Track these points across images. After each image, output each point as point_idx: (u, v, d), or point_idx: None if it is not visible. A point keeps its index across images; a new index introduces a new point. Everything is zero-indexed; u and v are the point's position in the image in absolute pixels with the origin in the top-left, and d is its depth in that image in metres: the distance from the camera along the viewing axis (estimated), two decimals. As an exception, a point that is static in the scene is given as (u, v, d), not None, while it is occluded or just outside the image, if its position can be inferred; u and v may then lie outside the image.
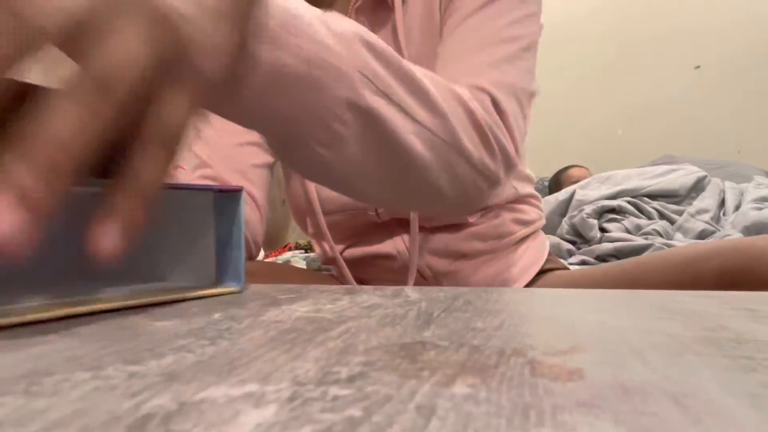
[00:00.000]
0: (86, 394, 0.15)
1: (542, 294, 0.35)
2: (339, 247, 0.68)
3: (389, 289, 0.37)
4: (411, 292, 0.36)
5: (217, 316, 0.27)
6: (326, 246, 0.67)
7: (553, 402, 0.15)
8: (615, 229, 1.72)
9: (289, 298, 0.33)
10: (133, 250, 0.39)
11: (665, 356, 0.20)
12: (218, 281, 0.38)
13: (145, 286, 0.36)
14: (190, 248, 0.38)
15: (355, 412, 0.14)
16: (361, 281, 0.70)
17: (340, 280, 0.73)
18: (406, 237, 0.65)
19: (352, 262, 0.68)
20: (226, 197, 0.38)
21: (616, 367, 0.18)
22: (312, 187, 0.63)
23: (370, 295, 0.34)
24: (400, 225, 0.66)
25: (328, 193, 0.63)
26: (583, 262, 1.59)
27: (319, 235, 0.67)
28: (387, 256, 0.66)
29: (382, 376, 0.17)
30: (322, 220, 0.63)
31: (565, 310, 0.29)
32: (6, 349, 0.21)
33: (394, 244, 0.66)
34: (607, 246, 1.60)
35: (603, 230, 1.75)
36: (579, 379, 0.17)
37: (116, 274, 0.39)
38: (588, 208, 1.80)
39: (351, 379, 0.17)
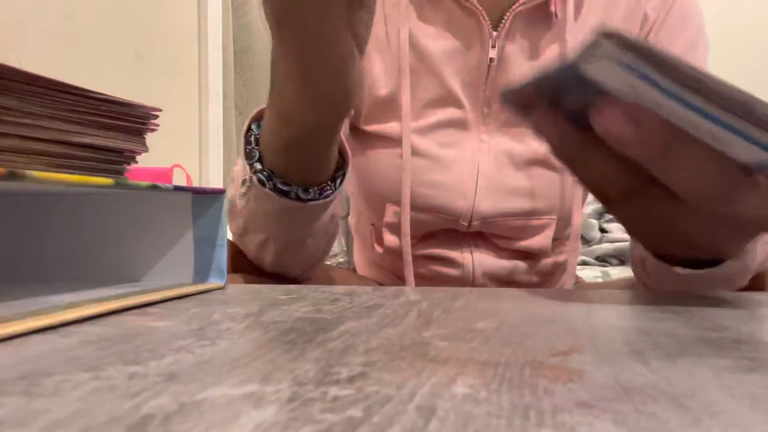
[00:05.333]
0: (86, 394, 0.15)
1: (542, 294, 0.35)
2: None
3: (389, 290, 0.37)
4: (411, 292, 0.36)
5: (216, 316, 0.27)
6: (396, 239, 0.65)
7: (553, 402, 0.15)
8: (615, 230, 1.72)
9: (289, 298, 0.33)
10: (111, 251, 0.39)
11: (665, 356, 0.20)
12: (202, 278, 0.38)
13: (127, 287, 0.36)
14: (169, 247, 0.39)
15: (355, 412, 0.14)
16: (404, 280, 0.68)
17: (378, 277, 0.72)
18: (475, 251, 0.65)
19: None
20: (207, 198, 0.38)
21: (616, 367, 0.18)
22: (408, 180, 0.61)
23: (370, 296, 0.34)
24: (476, 237, 0.65)
25: (420, 191, 0.62)
26: (583, 263, 1.59)
27: (394, 227, 0.65)
28: (447, 260, 0.65)
29: (382, 376, 0.17)
30: (408, 215, 0.62)
31: (565, 311, 0.29)
32: (6, 350, 0.21)
33: (461, 252, 0.65)
34: (607, 246, 1.60)
35: (603, 231, 1.75)
36: (579, 380, 0.17)
37: (95, 276, 0.39)
38: (588, 209, 1.80)
39: (351, 380, 0.17)
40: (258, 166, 0.44)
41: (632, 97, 0.25)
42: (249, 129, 0.46)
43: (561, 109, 0.30)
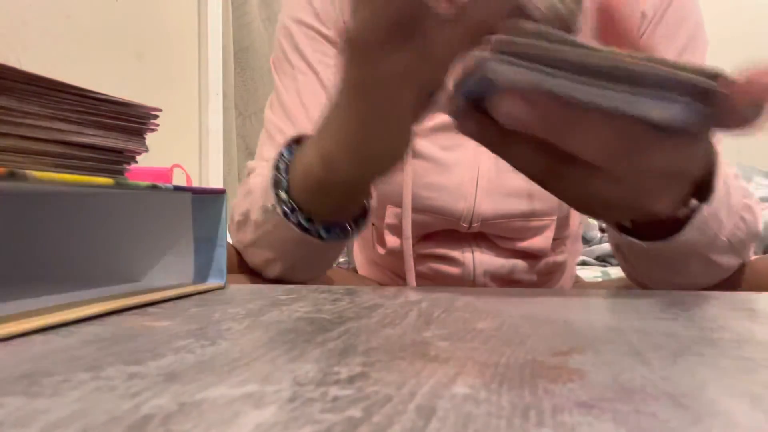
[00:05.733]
0: (86, 394, 0.15)
1: (542, 294, 0.35)
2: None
3: (389, 290, 0.37)
4: (411, 292, 0.36)
5: (216, 316, 0.27)
6: (397, 240, 0.65)
7: (553, 402, 0.15)
8: (615, 230, 1.71)
9: (289, 298, 0.33)
10: (111, 251, 0.39)
11: (665, 356, 0.20)
12: (202, 278, 0.38)
13: (127, 287, 0.36)
14: (169, 247, 0.39)
15: (355, 412, 0.14)
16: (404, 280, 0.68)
17: (377, 277, 0.73)
18: (476, 250, 0.65)
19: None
20: (207, 198, 0.38)
21: (616, 367, 0.18)
22: (409, 182, 0.62)
23: (370, 296, 0.34)
24: (477, 237, 0.65)
25: (421, 193, 0.62)
26: (583, 263, 1.59)
27: (395, 228, 0.65)
28: (448, 259, 0.65)
29: (382, 376, 0.17)
30: (409, 218, 0.62)
31: (565, 311, 0.29)
32: (6, 350, 0.21)
33: (462, 252, 0.65)
34: (607, 246, 1.60)
35: (603, 231, 1.74)
36: (579, 380, 0.17)
37: (95, 276, 0.39)
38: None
39: (351, 380, 0.17)
40: (283, 195, 0.44)
41: (529, 85, 0.29)
42: (280, 154, 0.46)
43: (478, 106, 0.33)
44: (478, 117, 0.32)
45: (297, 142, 0.47)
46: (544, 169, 0.34)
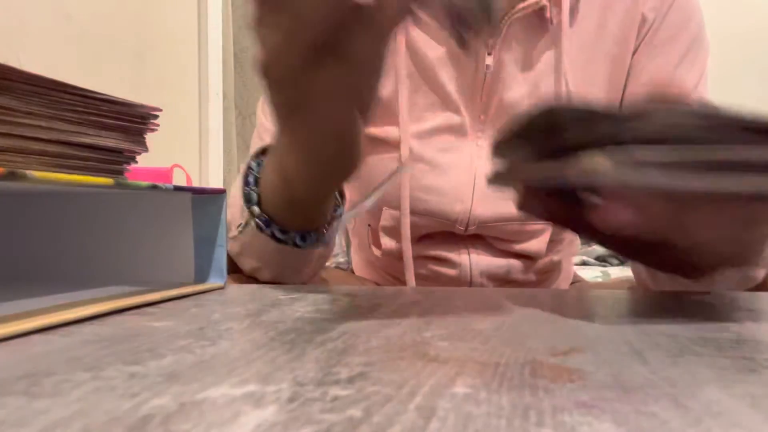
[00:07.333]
0: (86, 394, 0.15)
1: (542, 294, 0.35)
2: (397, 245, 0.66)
3: (389, 290, 0.37)
4: (411, 292, 0.36)
5: (216, 316, 0.27)
6: (393, 242, 0.65)
7: (553, 402, 0.15)
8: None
9: (289, 298, 0.33)
10: (111, 251, 0.39)
11: (665, 356, 0.20)
12: (202, 278, 0.39)
13: (127, 287, 0.36)
14: (169, 247, 0.39)
15: (356, 412, 0.14)
16: (403, 282, 0.68)
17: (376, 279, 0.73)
18: (472, 251, 0.65)
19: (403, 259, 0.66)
20: (207, 198, 0.38)
21: (616, 367, 0.18)
22: (407, 184, 0.61)
23: (370, 296, 0.34)
24: (473, 239, 0.65)
25: (418, 195, 0.62)
26: (583, 263, 1.59)
27: (390, 230, 0.65)
28: (445, 260, 0.65)
29: (382, 376, 0.17)
30: (407, 220, 0.62)
31: (565, 311, 0.29)
32: (6, 350, 0.21)
33: (458, 253, 0.65)
34: (607, 246, 1.60)
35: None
36: (579, 380, 0.17)
37: (95, 276, 0.39)
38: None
39: (351, 380, 0.17)
40: (256, 209, 0.44)
41: (634, 183, 0.24)
42: (249, 167, 0.46)
43: (544, 190, 0.30)
44: (544, 197, 0.30)
45: (264, 152, 0.47)
46: (625, 247, 0.30)
